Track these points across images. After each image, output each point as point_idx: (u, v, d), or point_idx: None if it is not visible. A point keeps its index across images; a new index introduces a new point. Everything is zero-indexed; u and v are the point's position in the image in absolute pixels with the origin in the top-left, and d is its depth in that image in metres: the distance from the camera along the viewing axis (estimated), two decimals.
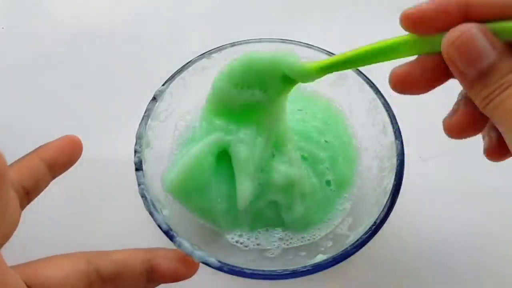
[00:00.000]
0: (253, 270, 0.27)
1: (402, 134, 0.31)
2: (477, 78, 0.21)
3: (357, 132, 0.36)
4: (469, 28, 0.21)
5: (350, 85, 0.35)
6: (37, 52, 0.45)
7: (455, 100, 0.25)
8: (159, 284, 0.28)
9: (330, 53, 0.34)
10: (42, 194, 0.27)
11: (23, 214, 0.26)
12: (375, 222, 0.28)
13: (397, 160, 0.30)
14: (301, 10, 0.49)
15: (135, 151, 0.31)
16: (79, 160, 0.28)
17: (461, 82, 0.22)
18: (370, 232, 0.28)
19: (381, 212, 0.29)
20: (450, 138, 0.25)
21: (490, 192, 0.38)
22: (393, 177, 0.30)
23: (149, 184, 0.30)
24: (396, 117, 0.32)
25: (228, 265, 0.27)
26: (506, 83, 0.20)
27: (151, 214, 0.29)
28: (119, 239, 0.26)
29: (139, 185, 0.30)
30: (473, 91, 0.22)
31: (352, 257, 0.28)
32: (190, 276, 0.27)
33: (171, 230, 0.28)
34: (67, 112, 0.42)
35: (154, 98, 0.33)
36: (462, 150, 0.35)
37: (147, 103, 0.32)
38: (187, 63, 0.34)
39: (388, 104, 0.32)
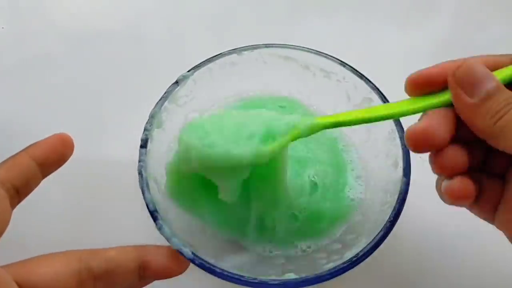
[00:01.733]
0: (223, 270, 0.27)
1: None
2: (482, 100, 0.23)
3: (368, 160, 0.35)
4: (469, 59, 0.24)
5: None
6: (37, 52, 0.45)
7: None
8: (152, 281, 0.28)
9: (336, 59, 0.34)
10: (41, 194, 0.27)
11: (23, 214, 0.26)
12: (357, 254, 0.27)
13: (398, 197, 0.29)
14: (301, 12, 0.48)
15: (145, 129, 0.32)
16: (79, 160, 0.29)
17: (464, 110, 0.24)
18: (349, 263, 0.27)
19: (367, 244, 0.28)
20: None
21: None
22: (390, 213, 0.29)
23: (149, 163, 0.31)
24: (403, 132, 0.31)
25: (200, 258, 0.27)
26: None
27: (142, 191, 0.29)
28: (118, 239, 0.26)
29: (139, 161, 0.30)
30: (478, 114, 0.23)
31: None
32: (181, 273, 0.27)
33: (156, 211, 0.29)
34: (67, 112, 0.41)
35: (176, 82, 0.34)
36: None
37: (148, 104, 0.32)
38: (217, 55, 0.35)
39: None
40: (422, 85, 0.26)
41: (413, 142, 0.25)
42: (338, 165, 0.36)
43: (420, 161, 0.33)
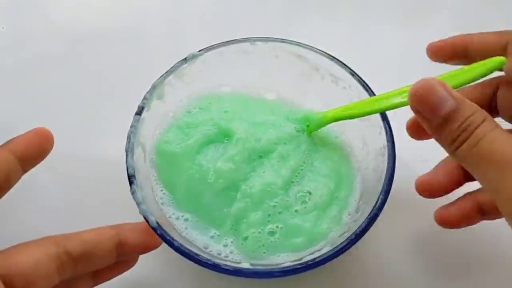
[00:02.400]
0: (181, 245, 0.28)
1: (403, 133, 0.32)
2: (442, 124, 0.23)
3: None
4: (429, 80, 0.23)
5: (368, 125, 0.33)
6: (37, 52, 0.45)
7: None
8: (130, 256, 0.29)
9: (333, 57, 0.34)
10: (39, 193, 0.28)
11: (21, 212, 0.27)
12: (313, 259, 0.27)
13: (370, 213, 0.29)
14: (301, 10, 0.47)
15: (144, 98, 0.33)
16: (80, 159, 0.29)
17: (429, 131, 0.24)
18: (304, 265, 0.27)
19: (330, 250, 0.28)
20: None
21: None
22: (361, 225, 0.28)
23: (141, 131, 0.32)
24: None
25: (162, 229, 0.28)
26: (471, 125, 0.22)
27: (126, 155, 0.30)
28: None
29: (131, 126, 0.31)
30: (441, 137, 0.24)
31: (344, 256, 0.28)
32: (157, 247, 0.28)
33: (134, 177, 0.30)
34: (67, 112, 0.41)
35: (185, 59, 0.34)
36: None
37: None
38: (230, 40, 0.35)
39: (394, 156, 0.30)
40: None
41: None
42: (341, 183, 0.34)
43: (418, 161, 0.33)
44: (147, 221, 0.28)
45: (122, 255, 0.28)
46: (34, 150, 0.27)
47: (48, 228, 0.31)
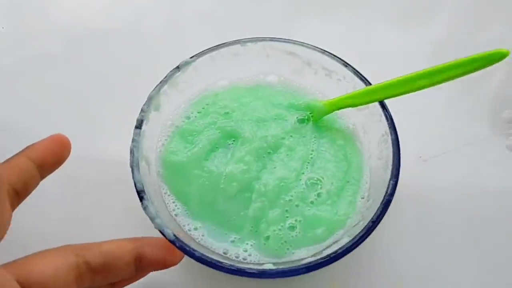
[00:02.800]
0: (202, 254, 0.27)
1: (403, 133, 0.31)
2: None
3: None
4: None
5: (367, 114, 0.34)
6: (37, 52, 0.45)
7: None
8: (148, 272, 0.29)
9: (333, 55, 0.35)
10: (41, 194, 0.28)
11: (23, 214, 0.26)
12: (335, 251, 0.27)
13: (383, 198, 0.29)
14: (301, 11, 0.48)
15: (142, 110, 0.32)
16: (79, 160, 0.29)
17: None
18: (327, 259, 0.27)
19: (348, 242, 0.28)
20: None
21: (491, 192, 0.37)
22: (374, 213, 0.29)
23: (143, 145, 0.31)
24: (397, 117, 0.31)
25: (180, 241, 0.28)
26: None
27: (132, 170, 0.30)
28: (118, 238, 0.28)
29: (132, 141, 0.31)
30: None
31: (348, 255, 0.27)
32: (177, 263, 0.28)
33: (143, 192, 0.29)
34: (67, 112, 0.41)
35: (178, 67, 0.34)
36: (462, 150, 0.35)
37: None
38: (220, 44, 0.35)
39: (397, 141, 0.31)
40: None
41: None
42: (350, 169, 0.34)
43: (418, 161, 0.33)
44: (163, 234, 0.28)
45: (140, 270, 0.27)
46: (52, 157, 0.27)
47: (48, 228, 0.31)
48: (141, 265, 0.27)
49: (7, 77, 0.44)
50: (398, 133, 0.31)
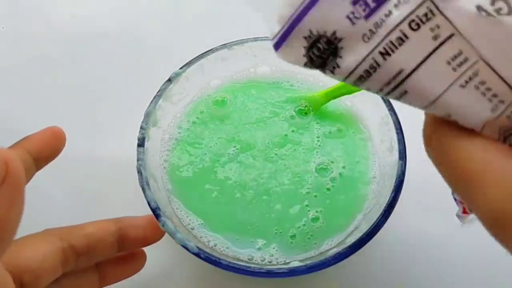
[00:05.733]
0: (229, 262, 0.27)
1: (403, 133, 0.31)
2: None
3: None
4: None
5: (364, 100, 0.34)
6: (37, 52, 0.45)
7: None
8: (131, 249, 0.30)
9: None
10: (40, 193, 0.28)
11: (24, 213, 0.26)
12: (361, 237, 0.28)
13: (396, 180, 0.30)
14: None
15: (141, 128, 0.32)
16: (78, 160, 0.28)
17: None
18: (352, 247, 0.28)
19: (369, 228, 0.28)
20: None
21: None
22: (389, 196, 0.29)
23: (147, 162, 0.31)
24: (397, 117, 0.32)
25: (206, 252, 0.27)
26: None
27: (143, 190, 0.30)
28: None
29: (138, 160, 0.31)
30: None
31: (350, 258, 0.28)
32: (158, 240, 0.29)
33: (158, 209, 0.29)
34: (66, 112, 0.41)
35: (169, 80, 0.34)
36: None
37: (146, 104, 0.33)
38: (207, 51, 0.35)
39: (399, 122, 0.32)
40: None
41: None
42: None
43: (418, 161, 0.33)
44: (187, 249, 0.28)
45: (123, 249, 0.29)
46: (48, 149, 0.27)
47: (48, 228, 0.30)
48: (124, 244, 0.28)
49: (7, 76, 0.44)
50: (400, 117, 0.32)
